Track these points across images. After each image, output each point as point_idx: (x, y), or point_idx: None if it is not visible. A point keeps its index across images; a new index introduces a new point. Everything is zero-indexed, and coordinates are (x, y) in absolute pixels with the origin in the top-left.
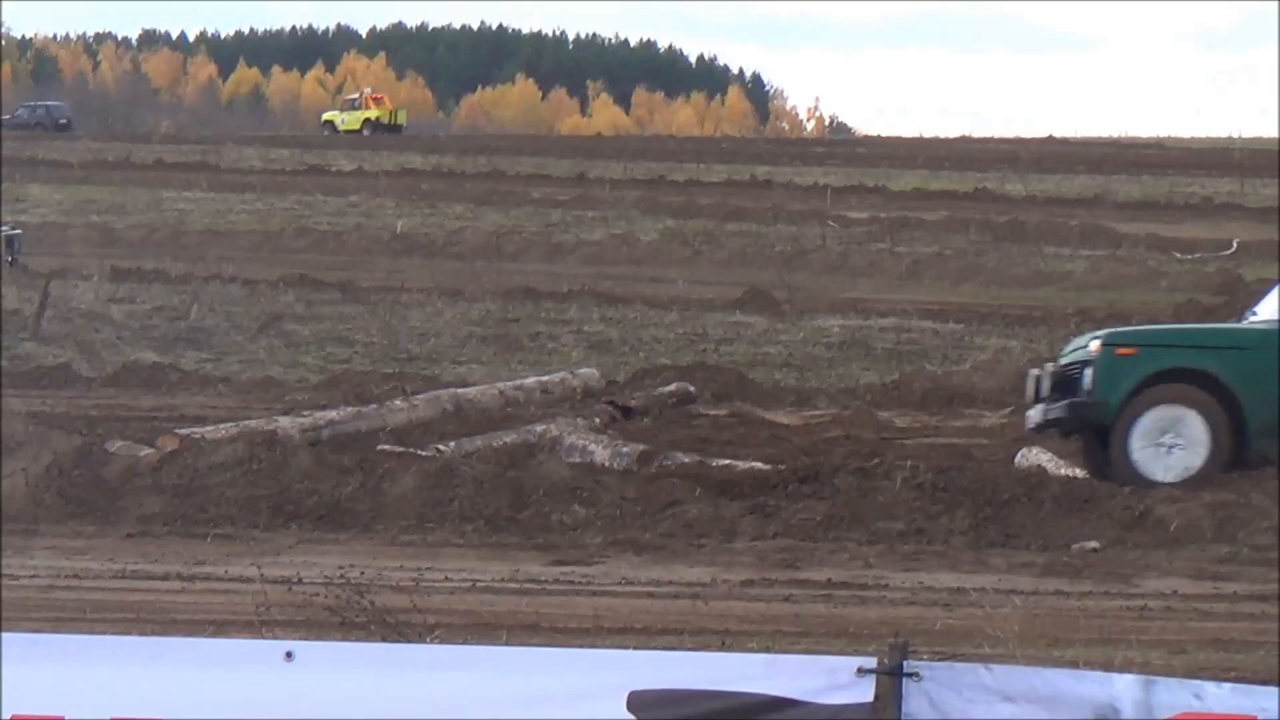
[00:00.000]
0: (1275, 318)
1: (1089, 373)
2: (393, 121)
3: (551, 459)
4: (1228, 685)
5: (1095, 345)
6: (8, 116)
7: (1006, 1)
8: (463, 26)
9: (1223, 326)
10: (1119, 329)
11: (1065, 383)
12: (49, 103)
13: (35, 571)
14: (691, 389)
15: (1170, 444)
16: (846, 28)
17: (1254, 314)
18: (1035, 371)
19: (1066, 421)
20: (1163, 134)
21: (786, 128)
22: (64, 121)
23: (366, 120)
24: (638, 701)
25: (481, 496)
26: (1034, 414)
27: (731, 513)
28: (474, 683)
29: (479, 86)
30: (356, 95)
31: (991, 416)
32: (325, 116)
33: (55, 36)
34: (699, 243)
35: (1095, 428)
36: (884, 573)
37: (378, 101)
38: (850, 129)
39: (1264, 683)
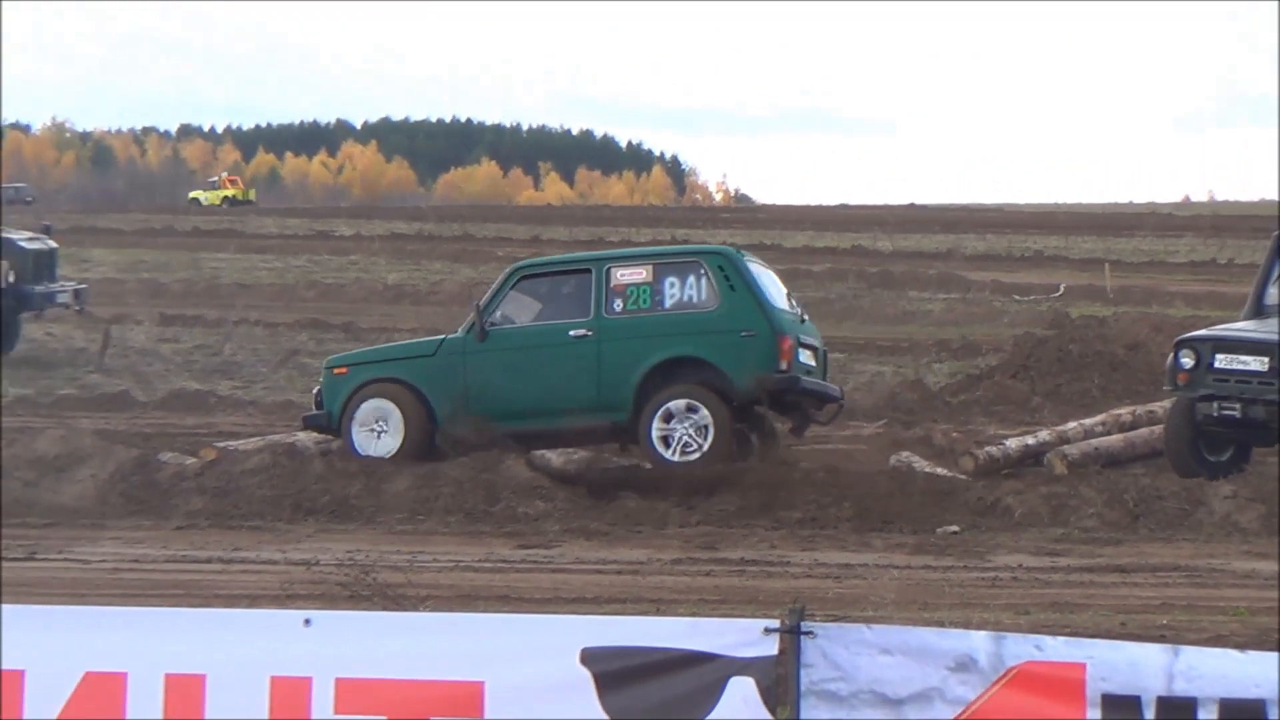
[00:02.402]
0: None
1: (318, 390)
2: (245, 198)
3: (517, 464)
4: (1062, 638)
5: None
6: None
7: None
8: (438, 119)
9: (412, 342)
10: (340, 355)
11: (318, 398)
12: (17, 184)
13: (104, 558)
14: None
15: (381, 431)
16: (748, 118)
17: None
18: (315, 390)
19: (314, 429)
20: (1003, 201)
21: (700, 199)
22: (29, 200)
23: (225, 198)
24: (589, 655)
25: (461, 494)
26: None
27: (663, 506)
28: (458, 643)
29: (452, 167)
30: (216, 178)
31: (869, 427)
32: (191, 195)
33: (110, 130)
34: None
35: (329, 433)
36: (786, 552)
37: (233, 182)
38: (751, 199)
39: (1091, 636)
